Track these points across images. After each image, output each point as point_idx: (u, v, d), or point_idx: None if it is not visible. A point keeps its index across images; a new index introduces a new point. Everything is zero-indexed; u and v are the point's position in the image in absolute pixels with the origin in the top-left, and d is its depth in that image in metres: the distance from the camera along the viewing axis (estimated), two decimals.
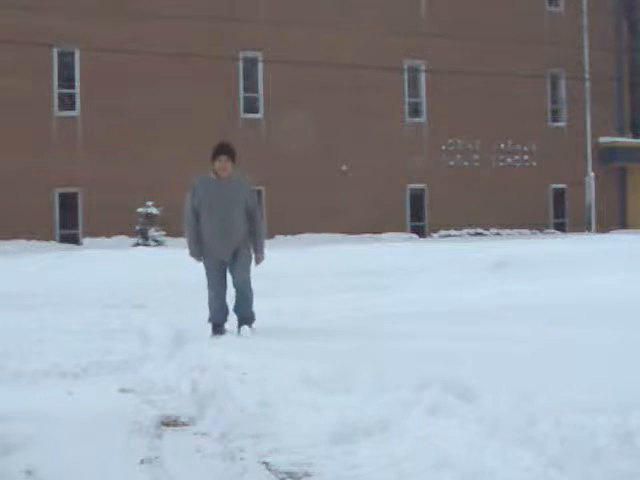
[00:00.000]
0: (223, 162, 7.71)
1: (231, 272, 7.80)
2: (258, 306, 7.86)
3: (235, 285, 7.81)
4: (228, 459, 4.18)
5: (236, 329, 7.67)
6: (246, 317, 7.71)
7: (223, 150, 7.79)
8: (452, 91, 28.01)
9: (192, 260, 7.98)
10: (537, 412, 3.97)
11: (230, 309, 7.88)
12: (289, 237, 25.05)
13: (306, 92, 25.97)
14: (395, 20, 27.50)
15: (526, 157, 30.56)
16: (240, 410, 4.75)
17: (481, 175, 29.29)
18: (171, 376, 5.90)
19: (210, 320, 7.83)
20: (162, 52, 23.85)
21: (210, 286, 7.85)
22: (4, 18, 22.78)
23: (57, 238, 23.96)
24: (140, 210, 21.76)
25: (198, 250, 7.80)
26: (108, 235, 23.33)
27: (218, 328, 7.76)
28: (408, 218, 28.72)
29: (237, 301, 7.79)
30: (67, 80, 24.46)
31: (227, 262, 7.76)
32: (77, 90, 24.44)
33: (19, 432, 4.56)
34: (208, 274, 7.85)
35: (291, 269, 14.37)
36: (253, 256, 7.84)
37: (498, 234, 28.85)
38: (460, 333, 6.75)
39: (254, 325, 7.70)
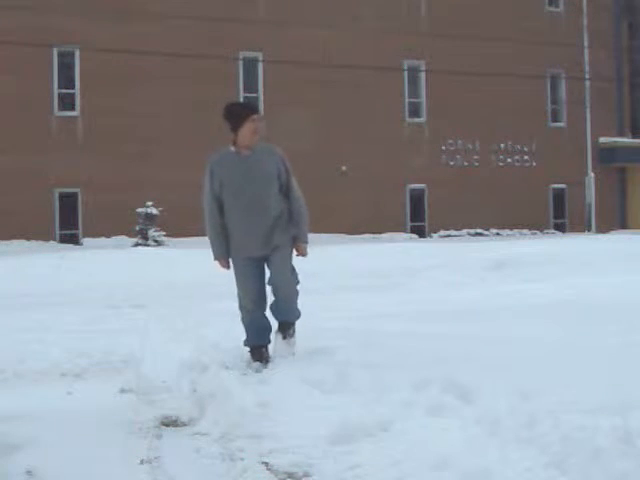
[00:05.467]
0: (257, 122, 5.88)
1: (269, 267, 5.99)
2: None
3: (273, 283, 5.97)
4: (228, 459, 4.17)
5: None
6: (288, 324, 6.07)
7: (254, 108, 6.07)
8: (452, 91, 28.01)
9: (218, 267, 6.04)
10: (537, 412, 3.97)
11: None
12: None
13: (306, 92, 25.97)
14: (395, 20, 27.52)
15: (526, 157, 30.55)
16: (240, 410, 4.74)
17: (481, 175, 29.29)
18: (171, 376, 5.89)
19: (247, 344, 6.05)
20: (162, 52, 23.86)
21: (243, 295, 6.00)
22: (4, 18, 22.79)
23: (57, 238, 23.96)
24: (140, 210, 21.75)
25: (223, 250, 5.94)
26: (108, 235, 23.34)
27: (258, 351, 6.00)
28: (408, 218, 28.73)
29: (276, 303, 6.05)
30: (67, 80, 24.47)
31: (265, 259, 5.96)
32: (77, 90, 24.45)
33: (19, 432, 4.55)
34: (240, 280, 5.98)
35: None
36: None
37: (498, 234, 28.85)
38: (460, 333, 6.75)
39: (294, 338, 6.09)
